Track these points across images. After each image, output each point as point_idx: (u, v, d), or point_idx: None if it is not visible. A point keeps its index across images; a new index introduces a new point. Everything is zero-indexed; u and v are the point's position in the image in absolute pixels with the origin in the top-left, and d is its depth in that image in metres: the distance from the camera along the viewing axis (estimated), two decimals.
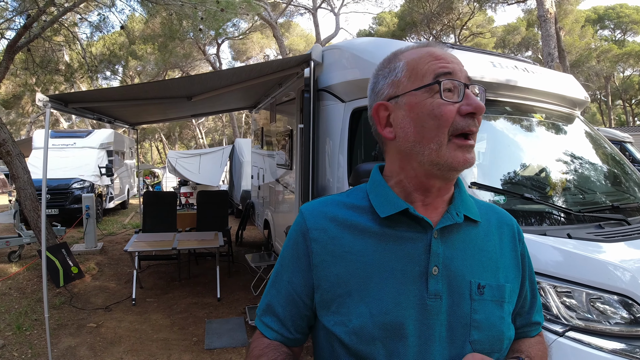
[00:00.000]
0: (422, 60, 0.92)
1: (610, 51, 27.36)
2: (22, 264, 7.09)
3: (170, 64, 24.11)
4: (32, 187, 6.83)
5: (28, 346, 4.37)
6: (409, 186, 0.94)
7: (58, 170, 10.95)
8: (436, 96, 0.87)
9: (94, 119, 6.19)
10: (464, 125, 0.87)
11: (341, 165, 3.69)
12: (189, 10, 9.48)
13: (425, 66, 0.90)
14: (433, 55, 0.92)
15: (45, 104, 4.01)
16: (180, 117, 9.67)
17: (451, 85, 0.88)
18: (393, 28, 26.75)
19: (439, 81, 0.88)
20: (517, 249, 1.01)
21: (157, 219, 7.31)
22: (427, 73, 0.90)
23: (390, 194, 0.94)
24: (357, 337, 0.87)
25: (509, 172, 2.86)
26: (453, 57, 0.92)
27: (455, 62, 0.91)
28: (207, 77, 4.87)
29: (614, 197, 2.90)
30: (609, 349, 1.84)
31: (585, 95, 3.71)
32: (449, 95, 0.88)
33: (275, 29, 21.07)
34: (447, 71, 0.89)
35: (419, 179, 0.92)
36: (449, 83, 0.88)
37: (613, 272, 1.98)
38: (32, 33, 7.75)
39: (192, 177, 13.12)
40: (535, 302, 1.08)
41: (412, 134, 0.90)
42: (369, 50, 3.48)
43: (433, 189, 0.92)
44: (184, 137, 48.03)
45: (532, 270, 1.06)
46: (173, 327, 4.88)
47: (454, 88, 0.88)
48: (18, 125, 32.99)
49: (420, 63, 0.91)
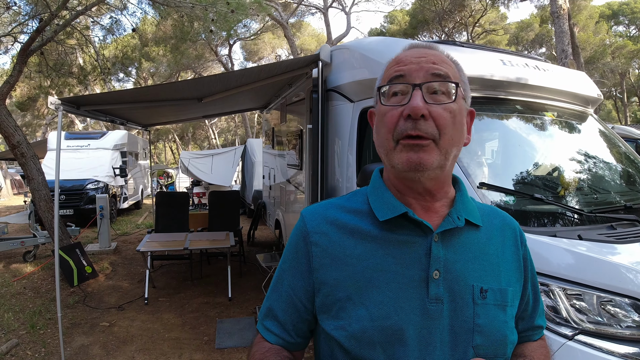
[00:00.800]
0: (387, 68, 0.94)
1: (625, 47, 26.87)
2: (37, 264, 7.20)
3: (183, 65, 24.26)
4: (46, 189, 6.92)
5: (41, 345, 4.43)
6: (400, 189, 0.94)
7: (72, 171, 11.10)
8: (383, 99, 0.90)
9: (106, 121, 6.26)
10: (403, 129, 0.85)
11: (350, 165, 3.68)
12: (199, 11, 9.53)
13: (386, 74, 0.92)
14: (397, 60, 0.92)
15: (58, 107, 4.06)
16: (191, 118, 9.72)
17: (400, 89, 0.88)
18: (405, 26, 26.59)
19: (379, 87, 0.91)
20: (519, 253, 1.00)
21: (170, 219, 7.37)
22: (385, 81, 0.91)
23: (389, 197, 0.93)
24: (357, 341, 0.87)
25: (520, 172, 2.82)
26: (417, 57, 0.90)
27: (415, 62, 0.89)
28: (216, 78, 4.89)
29: (627, 197, 2.84)
30: (620, 353, 1.81)
31: (598, 92, 3.65)
32: (397, 99, 0.88)
33: (286, 29, 21.09)
34: (399, 74, 0.89)
35: (398, 181, 0.93)
36: (396, 86, 0.88)
37: (625, 274, 1.94)
38: (45, 36, 7.85)
39: (204, 177, 13.22)
40: (538, 305, 1.07)
41: (376, 139, 0.93)
42: (378, 49, 3.46)
43: (417, 191, 0.91)
44: (197, 137, 48.34)
45: (534, 274, 1.05)
46: (184, 327, 4.91)
47: (404, 90, 0.88)
48: (34, 127, 33.50)
49: (386, 71, 0.94)
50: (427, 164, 0.84)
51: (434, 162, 0.85)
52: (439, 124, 0.85)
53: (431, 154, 0.85)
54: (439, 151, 0.85)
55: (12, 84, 6.95)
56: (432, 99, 0.86)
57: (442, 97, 0.87)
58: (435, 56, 0.91)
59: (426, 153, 0.84)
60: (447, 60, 0.93)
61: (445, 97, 0.87)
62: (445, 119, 0.86)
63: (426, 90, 0.86)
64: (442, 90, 0.87)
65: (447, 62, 0.92)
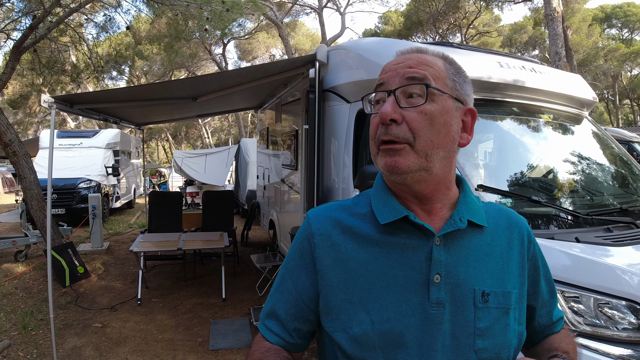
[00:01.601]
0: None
1: (618, 50, 27.13)
2: (29, 264, 7.13)
3: (177, 64, 24.17)
4: (38, 187, 6.86)
5: (33, 346, 4.38)
6: (398, 192, 0.94)
7: (65, 170, 11.01)
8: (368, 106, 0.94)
9: (99, 119, 6.21)
10: (379, 135, 0.87)
11: (346, 166, 3.68)
12: (194, 10, 9.49)
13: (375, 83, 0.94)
14: (382, 70, 0.94)
15: (51, 105, 4.02)
16: (185, 117, 9.69)
17: (379, 97, 0.91)
18: (399, 27, 26.69)
19: (363, 96, 0.95)
20: (526, 252, 0.99)
21: (163, 219, 7.32)
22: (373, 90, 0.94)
23: (391, 200, 0.93)
24: (358, 344, 0.87)
25: (516, 174, 2.83)
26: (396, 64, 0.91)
27: (393, 69, 0.90)
28: (211, 78, 4.87)
29: (623, 199, 2.86)
30: (616, 355, 1.81)
31: (593, 95, 3.67)
32: (379, 106, 0.90)
33: (281, 29, 21.07)
34: (380, 82, 0.91)
35: (391, 185, 0.95)
36: (378, 94, 0.91)
37: (621, 276, 1.95)
38: (38, 34, 7.79)
39: (197, 176, 13.17)
40: (555, 300, 1.08)
41: None
42: (375, 50, 3.46)
43: (411, 193, 0.91)
44: (190, 136, 48.17)
45: (547, 270, 1.05)
46: (178, 328, 4.88)
47: (384, 97, 0.90)
48: (25, 125, 33.24)
49: None
50: (403, 167, 0.85)
51: (410, 165, 0.85)
52: (412, 127, 0.85)
53: (406, 157, 0.85)
54: (415, 154, 0.85)
55: (4, 82, 6.90)
56: (407, 103, 0.86)
57: (417, 99, 0.87)
58: (415, 59, 0.90)
59: (401, 157, 0.85)
60: (429, 61, 0.91)
61: (421, 99, 0.87)
62: (419, 121, 0.85)
63: (402, 94, 0.87)
64: (418, 92, 0.87)
65: (428, 63, 0.90)
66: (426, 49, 0.95)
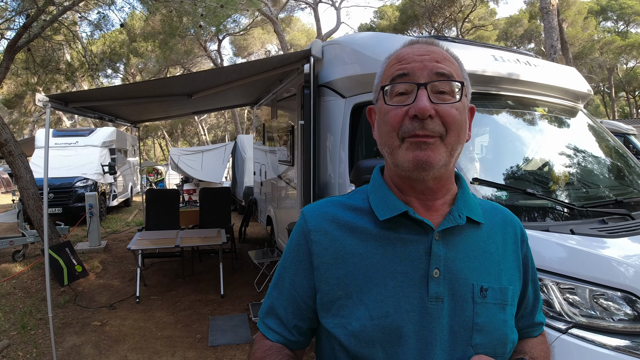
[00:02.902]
0: (389, 65, 0.93)
1: (613, 43, 27.15)
2: (26, 264, 7.11)
3: (172, 61, 24.05)
4: (34, 187, 6.84)
5: (33, 345, 4.39)
6: (401, 187, 0.93)
7: (61, 169, 10.98)
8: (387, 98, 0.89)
9: (95, 117, 6.19)
10: (410, 129, 0.84)
11: (342, 161, 3.68)
12: (188, 6, 9.43)
13: (388, 71, 0.92)
14: (398, 58, 0.91)
15: (45, 104, 4.00)
16: (181, 114, 9.67)
17: (404, 88, 0.87)
18: (395, 21, 26.64)
19: (382, 86, 0.90)
20: (520, 251, 1.00)
21: (160, 217, 7.32)
22: (387, 79, 0.91)
23: (389, 196, 0.93)
24: (357, 339, 0.87)
25: (512, 167, 2.84)
26: (420, 55, 0.89)
27: (418, 60, 0.88)
28: (206, 74, 4.86)
29: (618, 191, 2.87)
30: (612, 346, 1.83)
31: (588, 88, 3.68)
32: (402, 98, 0.87)
33: (276, 24, 21.01)
34: (402, 72, 0.88)
35: (400, 180, 0.93)
36: (401, 86, 0.87)
37: (617, 268, 1.96)
38: (32, 32, 7.74)
39: (194, 174, 13.15)
40: (538, 303, 1.07)
41: (378, 138, 0.93)
42: (370, 45, 3.45)
43: (418, 190, 0.91)
44: (186, 134, 48.05)
45: (535, 272, 1.05)
46: (177, 325, 4.89)
47: (409, 90, 0.87)
48: (21, 124, 33.09)
49: (387, 68, 0.93)
50: (434, 162, 0.84)
51: (440, 160, 0.85)
52: (446, 122, 0.85)
53: (438, 151, 0.85)
54: (445, 148, 0.85)
55: None
56: (437, 98, 0.86)
57: (446, 96, 0.86)
58: (439, 54, 0.90)
59: (433, 151, 0.84)
60: (449, 57, 0.92)
61: (450, 96, 0.87)
62: (452, 116, 0.85)
63: (430, 89, 0.85)
64: (447, 89, 0.87)
65: (449, 59, 0.91)
66: (437, 42, 0.94)
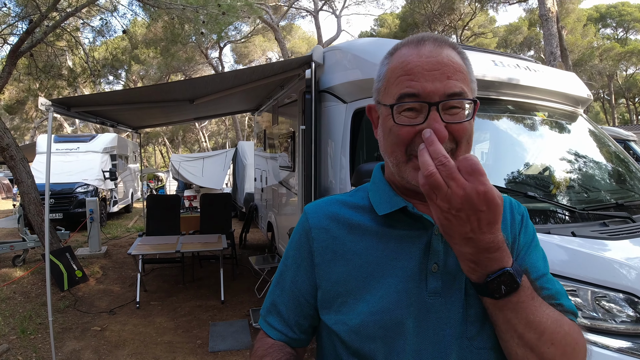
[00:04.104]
0: (394, 73, 0.88)
1: (613, 50, 27.30)
2: (27, 268, 7.10)
3: (173, 67, 24.19)
4: (35, 192, 6.85)
5: (32, 350, 4.37)
6: (402, 188, 0.93)
7: (62, 175, 10.99)
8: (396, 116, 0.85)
9: (96, 122, 6.21)
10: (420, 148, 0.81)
11: (343, 167, 3.68)
12: (190, 14, 9.51)
13: (395, 81, 0.87)
14: (405, 68, 0.86)
15: (48, 108, 4.02)
16: (183, 120, 9.69)
17: (415, 105, 0.84)
18: (395, 29, 26.76)
19: (392, 105, 0.85)
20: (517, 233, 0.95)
21: (161, 222, 7.32)
22: (394, 91, 0.87)
23: (389, 192, 0.93)
24: (358, 335, 0.87)
25: (513, 171, 2.85)
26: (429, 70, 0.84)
27: (429, 79, 0.83)
28: (208, 79, 4.89)
29: (618, 195, 2.88)
30: (615, 348, 1.83)
31: (588, 93, 3.69)
32: (411, 115, 0.84)
33: (277, 32, 21.11)
34: (412, 93, 0.84)
35: (401, 184, 0.92)
36: (412, 104, 0.83)
37: (618, 270, 1.97)
38: (35, 38, 7.79)
39: (195, 180, 13.18)
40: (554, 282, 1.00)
41: (382, 142, 0.92)
42: (370, 50, 3.47)
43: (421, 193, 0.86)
44: (187, 140, 48.16)
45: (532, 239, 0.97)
46: (177, 330, 4.88)
47: (418, 107, 0.84)
48: (22, 130, 33.16)
49: (393, 76, 0.88)
50: None
51: None
52: (457, 136, 0.83)
53: None
54: None
55: (1, 87, 6.89)
56: (448, 115, 0.83)
57: (457, 110, 0.84)
58: (449, 66, 0.85)
59: None
60: (460, 66, 0.87)
61: (461, 109, 0.84)
62: (463, 132, 0.84)
63: (442, 106, 0.83)
64: (458, 105, 0.84)
65: (460, 69, 0.87)
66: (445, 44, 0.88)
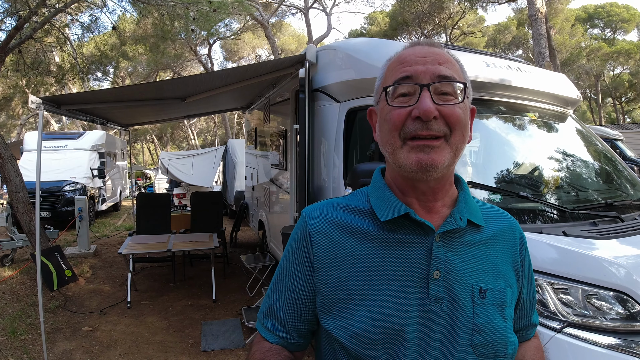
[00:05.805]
0: (391, 68, 0.94)
1: (600, 49, 27.63)
2: (15, 268, 7.01)
3: (162, 64, 23.98)
4: (24, 190, 6.76)
5: (23, 351, 4.33)
6: (402, 188, 0.94)
7: (50, 173, 10.83)
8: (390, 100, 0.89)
9: (86, 120, 6.15)
10: (413, 129, 0.85)
11: (336, 166, 3.70)
12: (180, 10, 9.44)
13: (391, 74, 0.92)
14: (400, 60, 0.92)
15: (38, 105, 3.99)
16: (173, 118, 9.64)
17: (407, 90, 0.88)
18: (385, 28, 26.82)
19: (385, 87, 0.91)
20: (518, 254, 1.01)
21: (151, 221, 7.27)
22: (390, 80, 0.91)
23: (390, 197, 0.94)
24: (358, 341, 0.87)
25: (503, 171, 2.88)
26: (422, 57, 0.90)
27: (420, 63, 0.89)
28: (201, 78, 4.86)
29: (607, 195, 2.93)
30: (605, 345, 1.87)
31: (577, 94, 3.75)
32: (404, 99, 0.88)
33: (267, 29, 21.04)
34: (405, 75, 0.89)
35: (401, 181, 0.94)
36: (404, 87, 0.88)
37: (608, 268, 2.01)
38: (23, 34, 7.68)
39: (185, 178, 13.07)
40: (534, 305, 1.09)
41: (379, 138, 0.94)
42: (364, 50, 3.48)
43: (420, 190, 0.92)
44: (175, 138, 47.82)
45: (532, 275, 1.06)
46: (169, 330, 4.86)
47: (411, 91, 0.88)
48: (8, 127, 32.67)
49: (389, 71, 0.94)
50: (438, 164, 0.85)
51: (445, 161, 0.86)
52: (450, 122, 0.86)
53: (442, 153, 0.86)
54: (449, 148, 0.86)
55: None
56: (440, 99, 0.86)
57: (449, 97, 0.88)
58: (440, 55, 0.91)
59: (437, 153, 0.85)
60: (451, 59, 0.93)
61: (452, 96, 0.88)
62: (457, 116, 0.87)
63: (433, 90, 0.86)
64: (449, 90, 0.88)
65: (451, 61, 0.92)
66: (438, 44, 0.95)
